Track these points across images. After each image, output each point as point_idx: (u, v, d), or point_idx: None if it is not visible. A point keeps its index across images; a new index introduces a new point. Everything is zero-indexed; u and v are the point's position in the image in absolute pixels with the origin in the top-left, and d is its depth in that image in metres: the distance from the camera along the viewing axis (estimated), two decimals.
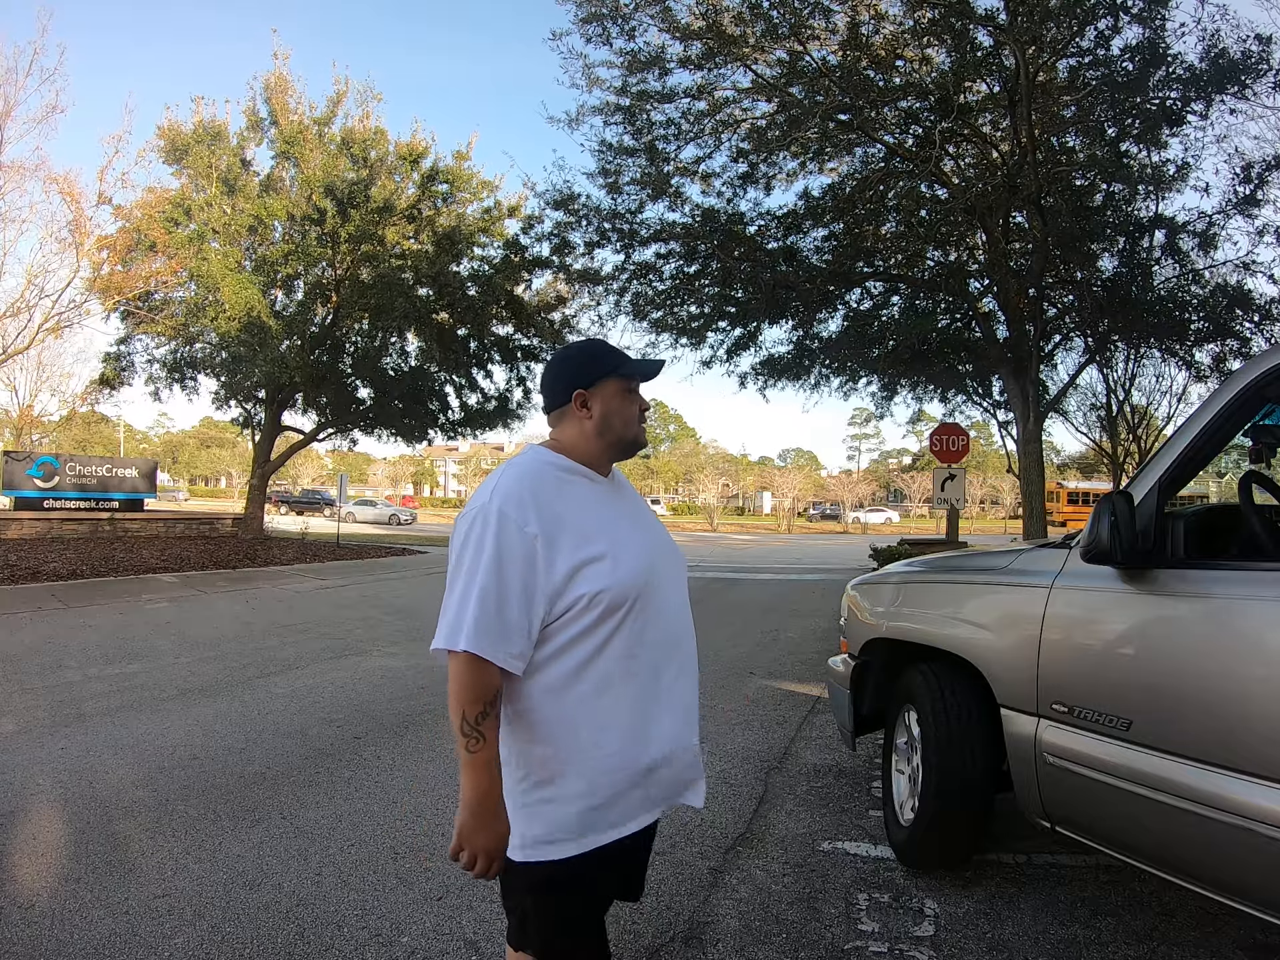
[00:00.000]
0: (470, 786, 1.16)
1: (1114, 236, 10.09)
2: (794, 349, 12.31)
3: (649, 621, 1.29)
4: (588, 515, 1.29)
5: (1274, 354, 1.78)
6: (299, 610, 8.18)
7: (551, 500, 1.25)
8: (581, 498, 1.31)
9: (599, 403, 1.34)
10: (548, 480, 1.28)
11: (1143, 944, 2.12)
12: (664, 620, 1.33)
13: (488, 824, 1.17)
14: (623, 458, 1.41)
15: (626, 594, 1.25)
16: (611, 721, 1.26)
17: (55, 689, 4.64)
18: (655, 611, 1.31)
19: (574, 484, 1.32)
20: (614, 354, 1.39)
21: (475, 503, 1.25)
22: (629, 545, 1.30)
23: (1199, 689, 1.66)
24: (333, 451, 52.73)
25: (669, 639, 1.34)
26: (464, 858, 1.17)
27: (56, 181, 11.38)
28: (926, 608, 2.67)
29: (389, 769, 3.44)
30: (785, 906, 2.30)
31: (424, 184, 15.20)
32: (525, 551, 1.19)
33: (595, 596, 1.22)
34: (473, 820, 1.16)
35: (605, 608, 1.23)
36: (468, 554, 1.20)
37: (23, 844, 2.61)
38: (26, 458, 15.08)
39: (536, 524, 1.20)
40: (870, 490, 55.12)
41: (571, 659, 1.24)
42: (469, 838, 1.16)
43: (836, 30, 9.45)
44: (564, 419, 1.37)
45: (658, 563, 1.35)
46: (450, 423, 17.73)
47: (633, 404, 1.38)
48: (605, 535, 1.27)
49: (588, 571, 1.22)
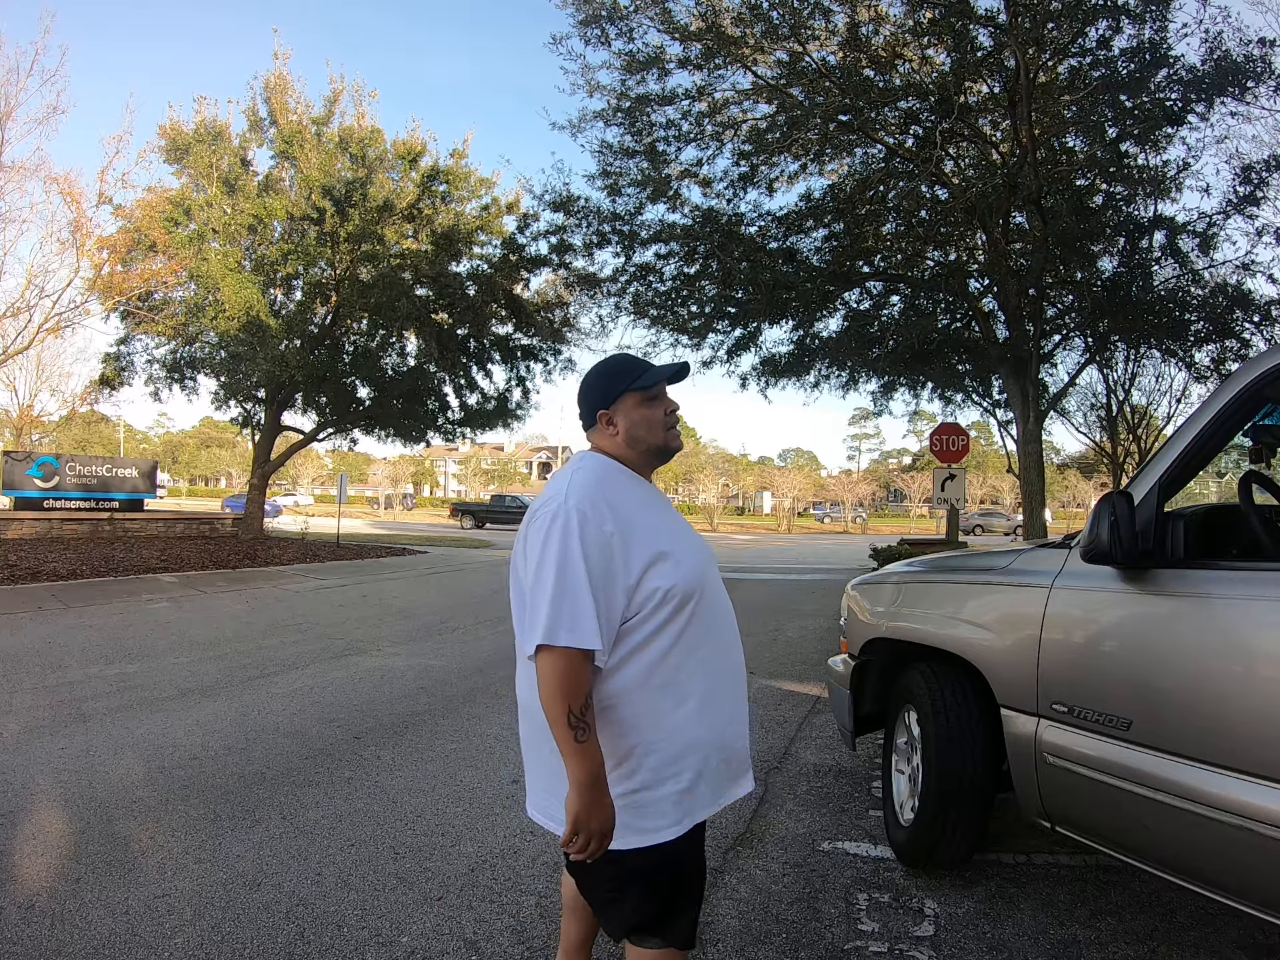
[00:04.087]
0: (584, 772, 1.21)
1: (1114, 236, 10.09)
2: (794, 349, 12.32)
3: (709, 615, 1.38)
4: (649, 515, 1.37)
5: (1274, 354, 1.78)
6: (299, 610, 8.18)
7: (619, 501, 1.33)
8: (640, 499, 1.40)
9: (621, 417, 1.43)
10: (615, 482, 1.38)
11: (1143, 944, 2.12)
12: (719, 615, 1.43)
13: (602, 804, 1.23)
14: (659, 463, 1.48)
15: (692, 589, 1.34)
16: (690, 709, 1.33)
17: (55, 689, 4.64)
18: (710, 607, 1.39)
19: (633, 486, 1.41)
20: (631, 369, 1.45)
21: (549, 505, 1.30)
22: (685, 544, 1.40)
23: (1199, 689, 1.66)
24: (333, 451, 52.79)
25: (725, 632, 1.44)
26: (579, 840, 1.22)
27: (57, 181, 11.35)
28: (926, 608, 2.67)
29: (389, 769, 3.44)
30: (785, 906, 2.30)
31: (423, 183, 15.18)
32: (604, 549, 1.26)
33: (669, 591, 1.30)
34: (587, 804, 1.21)
35: (677, 602, 1.31)
36: (551, 553, 1.25)
37: (23, 844, 2.61)
38: (26, 458, 15.07)
39: (612, 522, 1.28)
40: (870, 490, 55.09)
41: (649, 653, 1.31)
42: (585, 821, 1.21)
43: (836, 31, 9.46)
44: (598, 435, 1.47)
45: (707, 562, 1.44)
46: (450, 422, 17.71)
47: (655, 410, 1.43)
48: (666, 534, 1.37)
49: (660, 567, 1.30)
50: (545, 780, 1.38)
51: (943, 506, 11.25)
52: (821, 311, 11.81)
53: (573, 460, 1.47)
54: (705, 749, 1.35)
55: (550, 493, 1.34)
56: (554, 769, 1.30)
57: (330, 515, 28.39)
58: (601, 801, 1.23)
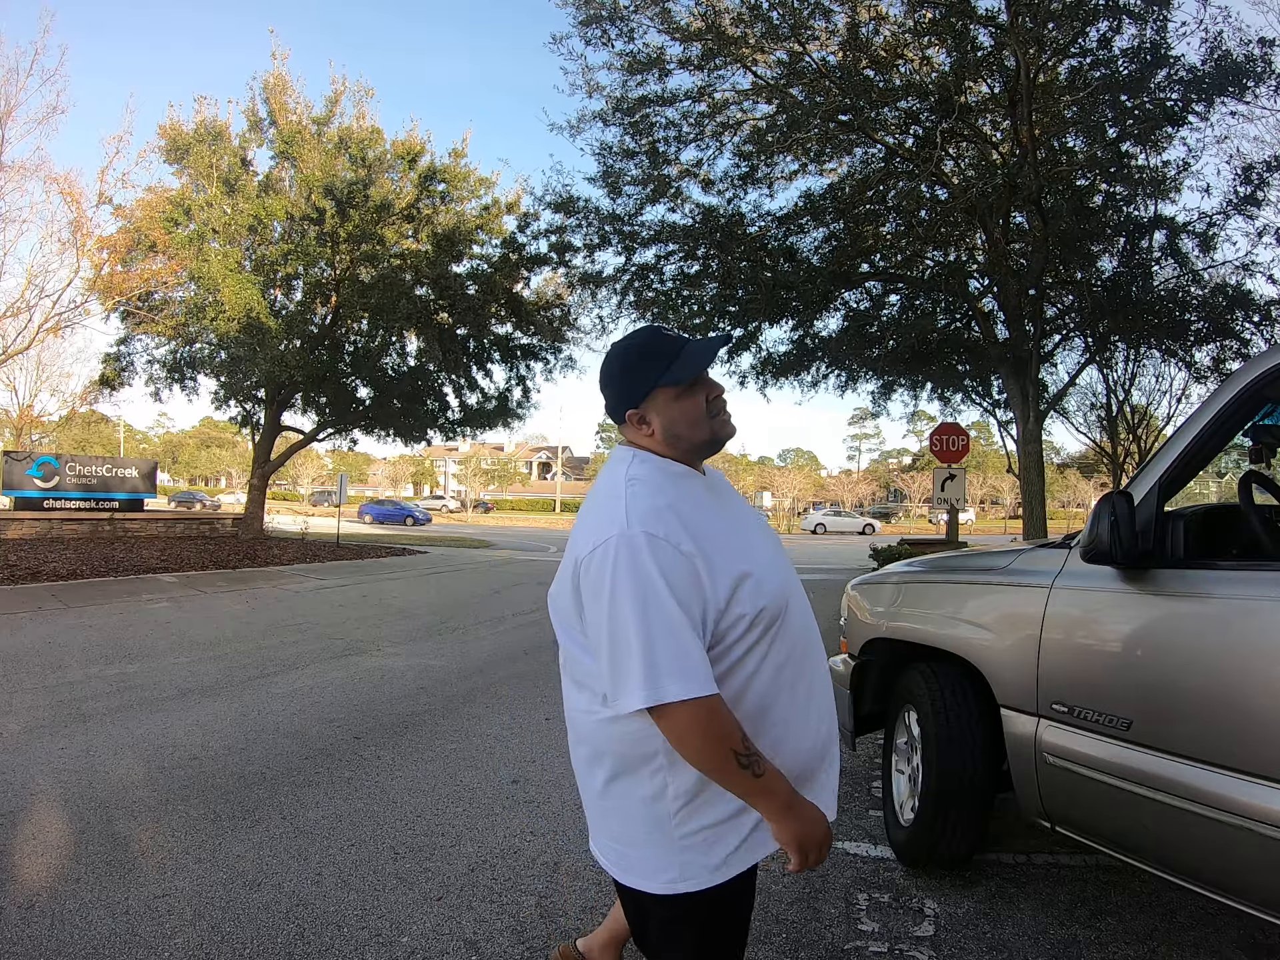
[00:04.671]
0: (777, 801, 1.11)
1: (1114, 236, 10.10)
2: (794, 349, 12.32)
3: (794, 631, 1.22)
4: (720, 522, 1.18)
5: (1274, 354, 1.78)
6: (299, 610, 8.18)
7: (689, 512, 1.13)
8: (708, 504, 1.20)
9: (655, 416, 1.21)
10: (677, 490, 1.17)
11: (1143, 944, 2.12)
12: (802, 628, 1.25)
13: (811, 819, 1.14)
14: (709, 455, 1.27)
15: (779, 607, 1.17)
16: (776, 735, 1.19)
17: (55, 689, 4.64)
18: (793, 621, 1.22)
19: (695, 487, 1.21)
20: (659, 355, 1.19)
21: (607, 531, 1.09)
22: (762, 553, 1.21)
23: (1199, 689, 1.66)
24: (333, 451, 52.76)
25: (810, 645, 1.26)
26: (810, 859, 1.14)
27: (57, 181, 11.37)
28: (926, 608, 2.67)
29: (389, 769, 3.44)
30: (785, 906, 2.30)
31: (422, 183, 15.19)
32: (689, 572, 1.07)
33: (759, 613, 1.13)
34: (799, 820, 1.12)
35: (765, 624, 1.15)
36: (625, 591, 1.04)
37: (23, 844, 2.61)
38: (26, 458, 15.07)
39: (690, 541, 1.08)
40: (870, 490, 55.11)
41: (736, 679, 1.14)
42: (803, 840, 1.13)
43: (836, 31, 9.47)
44: (631, 433, 1.25)
45: (788, 570, 1.27)
46: (450, 422, 17.71)
47: (694, 401, 1.21)
48: (744, 546, 1.18)
49: (748, 585, 1.12)
50: (621, 827, 1.23)
51: (942, 506, 11.26)
52: (821, 311, 11.82)
53: (616, 464, 1.23)
54: (792, 774, 1.18)
55: (603, 517, 1.13)
56: (631, 813, 1.19)
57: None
58: (807, 815, 1.14)
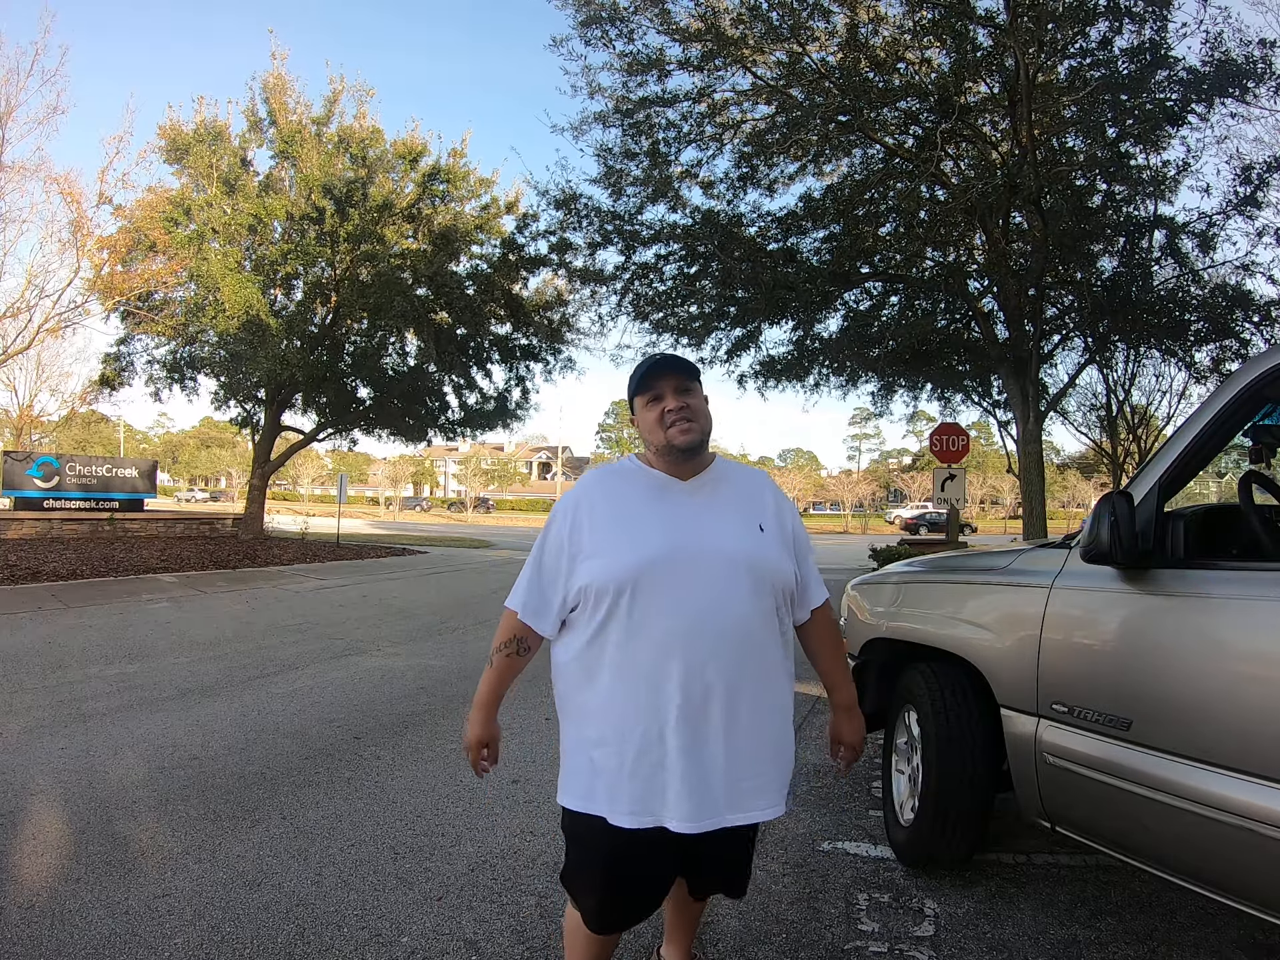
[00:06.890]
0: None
1: (1114, 236, 10.09)
2: (794, 349, 12.32)
3: (646, 625, 1.37)
4: (621, 512, 1.44)
5: (1274, 354, 1.78)
6: (299, 610, 8.17)
7: (596, 500, 1.46)
8: (628, 497, 1.47)
9: (637, 423, 1.54)
10: (601, 483, 1.51)
11: (1143, 944, 2.12)
12: (667, 630, 1.37)
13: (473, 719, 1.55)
14: (680, 459, 1.49)
15: (621, 585, 1.37)
16: (598, 707, 1.41)
17: (55, 689, 4.64)
18: (650, 617, 1.37)
19: (628, 486, 1.49)
20: (635, 374, 1.52)
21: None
22: (641, 539, 1.40)
23: (1199, 689, 1.66)
24: (333, 451, 52.76)
25: (683, 631, 1.37)
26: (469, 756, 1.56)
27: (57, 182, 11.36)
28: (926, 608, 2.67)
29: (389, 769, 3.44)
30: (785, 906, 2.30)
31: (423, 183, 15.19)
32: (557, 541, 1.45)
33: (585, 588, 1.40)
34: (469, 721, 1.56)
35: (594, 599, 1.39)
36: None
37: (23, 844, 2.61)
38: (26, 458, 15.07)
39: (572, 519, 1.44)
40: (870, 490, 55.05)
41: (573, 643, 1.46)
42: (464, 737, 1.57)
43: (836, 32, 9.46)
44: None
45: (677, 556, 1.39)
46: (450, 423, 17.71)
47: (653, 412, 1.48)
48: (623, 531, 1.41)
49: (587, 564, 1.40)
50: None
51: (943, 506, 11.26)
52: (821, 312, 11.82)
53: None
54: (611, 751, 1.38)
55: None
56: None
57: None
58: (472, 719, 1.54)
